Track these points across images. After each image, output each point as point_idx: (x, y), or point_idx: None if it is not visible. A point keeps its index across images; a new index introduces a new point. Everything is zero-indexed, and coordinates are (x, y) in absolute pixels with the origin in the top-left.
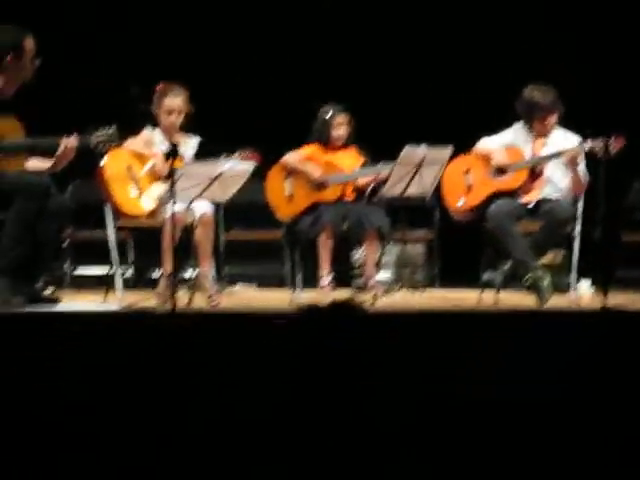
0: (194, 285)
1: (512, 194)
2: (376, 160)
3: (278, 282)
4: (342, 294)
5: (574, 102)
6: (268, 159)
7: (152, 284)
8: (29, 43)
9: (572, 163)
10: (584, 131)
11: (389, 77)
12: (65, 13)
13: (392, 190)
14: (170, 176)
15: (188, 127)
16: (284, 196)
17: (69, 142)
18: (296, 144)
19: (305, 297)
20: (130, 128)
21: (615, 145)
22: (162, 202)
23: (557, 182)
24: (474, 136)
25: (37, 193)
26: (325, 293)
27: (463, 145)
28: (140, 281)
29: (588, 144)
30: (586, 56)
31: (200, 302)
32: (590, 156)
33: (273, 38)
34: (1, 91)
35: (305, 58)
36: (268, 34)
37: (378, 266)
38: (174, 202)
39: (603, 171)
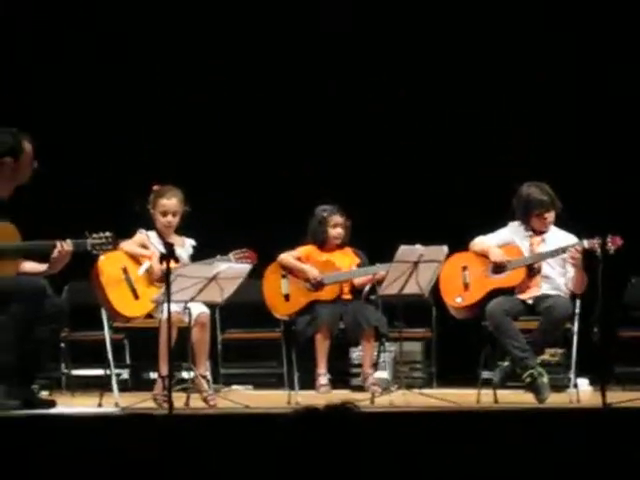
0: (191, 387)
1: (510, 292)
2: (372, 261)
3: (275, 382)
4: (339, 394)
5: (570, 201)
6: (264, 259)
7: (149, 385)
8: (27, 146)
9: (576, 260)
10: (579, 230)
11: (383, 178)
12: (58, 114)
13: (389, 289)
14: (166, 277)
15: (184, 230)
16: (281, 295)
17: (64, 246)
18: (292, 244)
19: (302, 397)
20: (126, 228)
21: (612, 245)
22: (158, 303)
23: (555, 279)
24: (468, 236)
25: (33, 296)
26: (322, 393)
27: (458, 245)
28: (137, 383)
29: (585, 244)
30: (581, 155)
31: (196, 403)
32: (587, 254)
33: (267, 139)
34: None
35: (300, 159)
36: (261, 135)
37: (375, 365)
38: (170, 303)
39: (601, 268)
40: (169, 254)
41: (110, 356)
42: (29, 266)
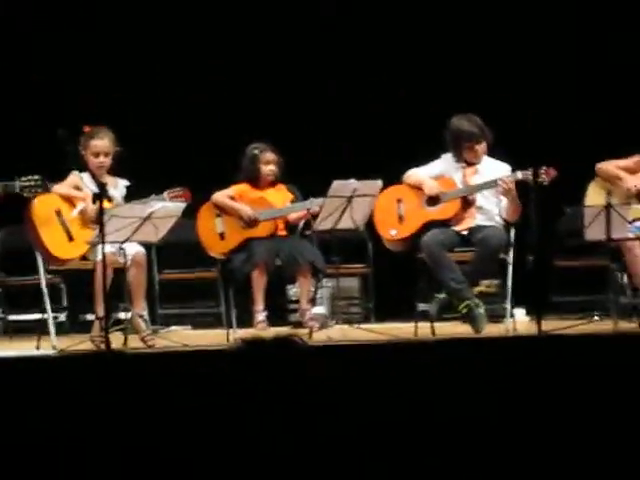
0: (128, 327)
1: (445, 223)
2: (305, 197)
3: (214, 322)
4: (278, 330)
5: (502, 130)
6: (198, 198)
7: (86, 328)
8: None
9: (508, 192)
10: (514, 159)
11: (315, 113)
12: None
13: (324, 224)
14: (99, 217)
15: (116, 170)
16: (216, 234)
17: None
18: (225, 183)
19: (241, 335)
20: (58, 171)
21: (547, 176)
22: (93, 245)
23: (489, 210)
24: (401, 169)
25: None
26: (260, 330)
27: (392, 178)
28: (74, 325)
29: (519, 175)
30: (511, 82)
31: (134, 344)
32: (521, 184)
33: (198, 74)
34: None
35: (230, 95)
36: (192, 70)
37: (313, 301)
38: (104, 245)
39: (534, 198)
40: (102, 194)
41: (46, 299)
42: None
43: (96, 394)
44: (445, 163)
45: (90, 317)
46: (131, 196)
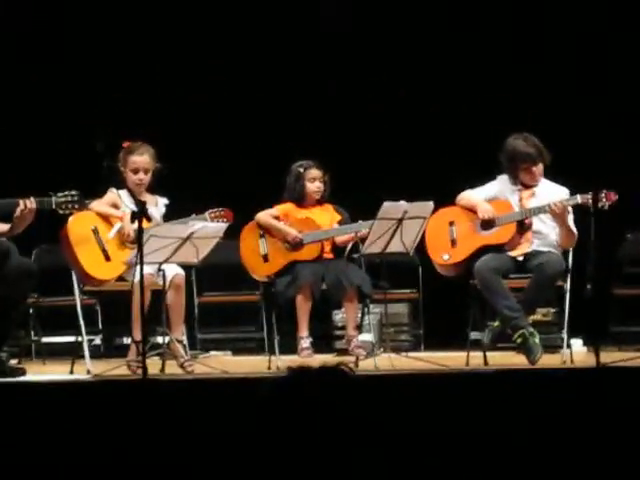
0: (166, 352)
1: (500, 248)
2: (354, 219)
3: (255, 347)
4: (323, 358)
5: (562, 152)
6: (240, 218)
7: (122, 352)
8: None
9: (560, 216)
10: (573, 183)
11: (365, 132)
12: (24, 69)
13: (372, 247)
14: (138, 238)
15: (156, 188)
16: (259, 256)
17: (27, 204)
18: (269, 202)
19: (284, 362)
20: (96, 187)
21: (607, 200)
22: (131, 265)
23: (547, 235)
24: (454, 191)
25: None
26: (305, 357)
27: (444, 200)
28: (109, 349)
29: (578, 199)
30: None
31: (172, 370)
32: (581, 208)
33: (244, 90)
34: None
35: (276, 113)
36: (238, 86)
37: (359, 328)
38: (143, 265)
39: (593, 224)
40: (141, 213)
41: (81, 321)
42: None
43: (132, 421)
44: (501, 185)
45: (126, 341)
46: (171, 215)
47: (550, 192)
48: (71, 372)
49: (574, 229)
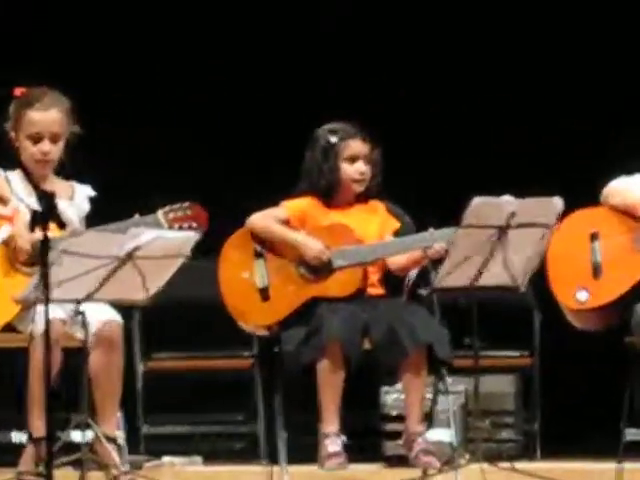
0: (88, 458)
1: None
2: (422, 224)
3: (245, 450)
4: (362, 471)
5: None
6: (221, 222)
7: (11, 455)
8: None
9: None
10: None
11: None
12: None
13: (453, 278)
14: (41, 255)
15: (72, 170)
16: (254, 289)
17: None
18: (273, 196)
19: (295, 478)
20: None
21: None
22: (28, 304)
23: None
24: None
25: None
26: (333, 468)
27: (577, 198)
28: None
29: None
30: None
31: None
32: None
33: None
34: None
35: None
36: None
37: (429, 417)
38: (49, 304)
39: None
40: (47, 212)
41: None
42: None
43: None
44: None
45: (17, 438)
46: (99, 217)
47: None
48: None
49: None
